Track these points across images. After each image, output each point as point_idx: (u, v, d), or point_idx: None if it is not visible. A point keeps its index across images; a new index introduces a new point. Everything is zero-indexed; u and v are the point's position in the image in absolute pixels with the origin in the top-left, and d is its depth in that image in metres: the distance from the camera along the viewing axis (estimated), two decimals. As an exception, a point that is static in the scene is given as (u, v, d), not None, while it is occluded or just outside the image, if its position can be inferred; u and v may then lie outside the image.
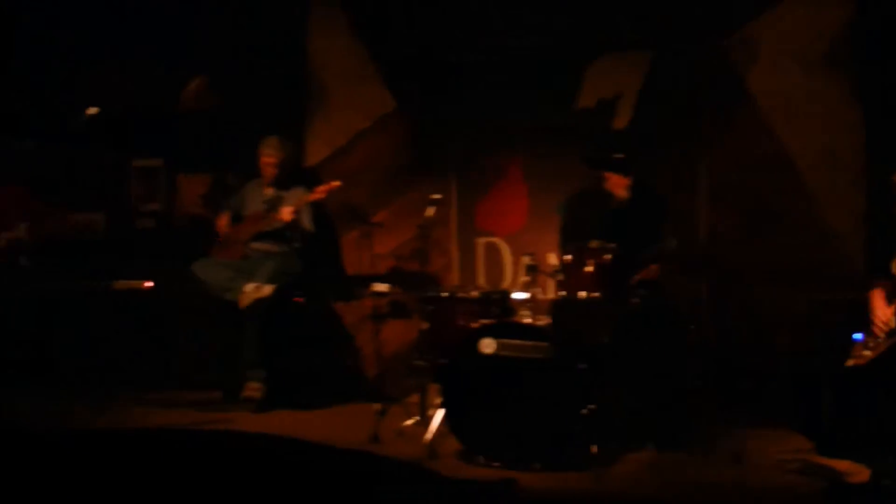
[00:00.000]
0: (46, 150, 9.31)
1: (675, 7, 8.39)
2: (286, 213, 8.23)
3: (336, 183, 8.19)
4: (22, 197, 9.11)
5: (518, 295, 7.07)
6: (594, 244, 6.85)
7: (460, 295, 7.29)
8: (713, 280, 8.18)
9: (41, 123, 9.65)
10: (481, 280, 8.66)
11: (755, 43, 8.32)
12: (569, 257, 6.90)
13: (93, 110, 7.89)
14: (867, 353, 6.17)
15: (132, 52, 9.84)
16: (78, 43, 10.02)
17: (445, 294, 7.34)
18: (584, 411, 6.21)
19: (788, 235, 8.20)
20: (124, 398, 8.34)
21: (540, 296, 7.15)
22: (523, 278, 7.47)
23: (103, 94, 9.19)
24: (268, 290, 8.03)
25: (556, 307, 7.18)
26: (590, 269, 6.77)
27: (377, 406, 7.41)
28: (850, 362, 6.20)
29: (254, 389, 8.13)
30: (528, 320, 6.63)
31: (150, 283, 8.93)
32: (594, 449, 6.21)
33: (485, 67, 8.77)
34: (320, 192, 8.21)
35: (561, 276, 7.02)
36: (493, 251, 8.73)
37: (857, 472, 5.83)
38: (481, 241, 8.77)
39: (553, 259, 8.06)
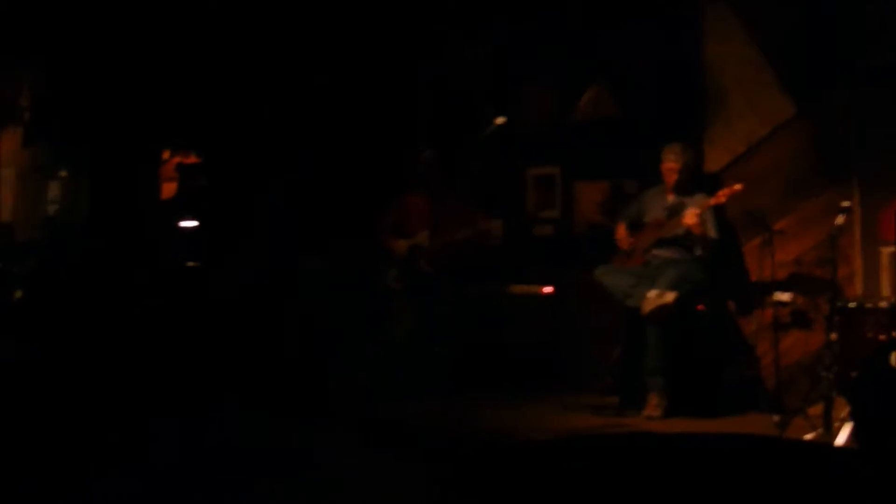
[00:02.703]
0: (448, 159, 9.67)
1: None
2: (690, 214, 8.21)
3: (738, 186, 8.10)
4: (425, 205, 9.51)
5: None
6: None
7: (869, 305, 7.11)
8: None
9: (443, 133, 10.07)
10: (885, 290, 8.35)
11: None
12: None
13: (500, 120, 8.16)
14: None
15: (530, 62, 10.15)
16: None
17: (854, 304, 7.18)
18: None
19: None
20: (519, 402, 8.66)
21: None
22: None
23: (505, 105, 9.53)
24: (670, 297, 8.04)
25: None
26: None
27: (777, 417, 7.33)
28: None
29: (654, 406, 8.16)
30: (941, 333, 6.42)
31: (549, 289, 9.16)
32: None
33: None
34: (722, 195, 8.16)
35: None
36: (896, 262, 8.38)
37: None
38: (886, 250, 8.43)
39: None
